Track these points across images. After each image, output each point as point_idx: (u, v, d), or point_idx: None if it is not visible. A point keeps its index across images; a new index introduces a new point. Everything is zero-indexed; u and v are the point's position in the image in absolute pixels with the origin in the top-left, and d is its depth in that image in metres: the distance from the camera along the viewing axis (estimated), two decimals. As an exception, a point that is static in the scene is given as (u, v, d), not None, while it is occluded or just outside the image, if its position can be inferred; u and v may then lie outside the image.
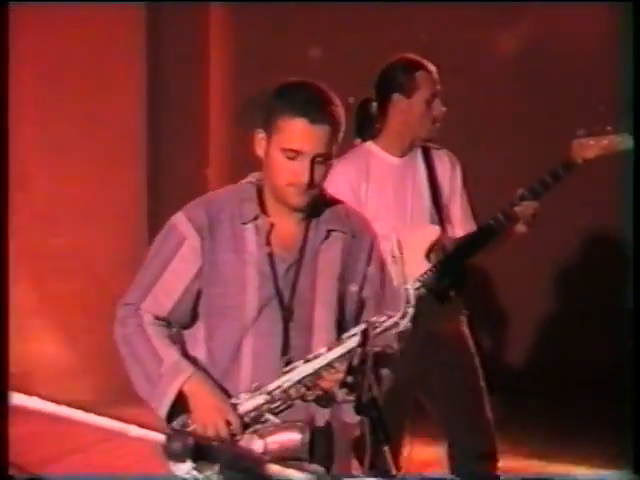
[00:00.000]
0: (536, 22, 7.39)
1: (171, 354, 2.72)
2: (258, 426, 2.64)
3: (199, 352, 2.77)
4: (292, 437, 2.63)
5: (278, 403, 2.64)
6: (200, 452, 2.54)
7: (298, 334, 2.71)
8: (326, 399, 2.67)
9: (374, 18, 7.41)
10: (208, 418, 2.62)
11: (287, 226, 2.76)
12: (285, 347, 2.69)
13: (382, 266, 2.83)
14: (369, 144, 3.94)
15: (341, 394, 2.61)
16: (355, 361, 2.52)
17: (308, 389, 2.65)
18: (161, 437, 2.58)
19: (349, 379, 2.55)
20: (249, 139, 2.80)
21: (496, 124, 7.35)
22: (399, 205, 3.89)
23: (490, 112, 7.34)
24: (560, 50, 7.25)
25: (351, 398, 2.54)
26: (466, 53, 7.32)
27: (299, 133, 2.63)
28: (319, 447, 2.67)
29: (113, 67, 7.40)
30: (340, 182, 3.74)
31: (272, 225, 2.73)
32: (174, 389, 2.64)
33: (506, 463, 4.64)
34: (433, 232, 3.87)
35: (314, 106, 2.66)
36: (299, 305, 2.73)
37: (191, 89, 7.81)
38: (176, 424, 2.66)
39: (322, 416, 2.72)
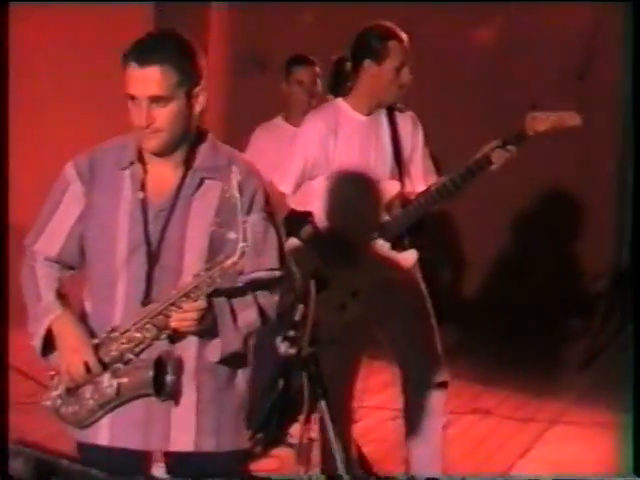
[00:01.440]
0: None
1: (49, 294, 2.73)
2: (119, 366, 2.63)
3: (85, 294, 2.79)
4: (141, 375, 2.61)
5: (135, 342, 2.61)
6: (43, 468, 2.57)
7: (165, 279, 2.65)
8: (178, 338, 2.65)
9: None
10: (68, 358, 2.63)
11: (163, 173, 2.69)
12: (148, 291, 2.64)
13: (266, 216, 2.72)
14: (339, 101, 3.98)
15: (284, 347, 2.71)
16: (297, 316, 2.64)
17: (160, 329, 2.62)
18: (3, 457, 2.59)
19: (291, 333, 2.66)
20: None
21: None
22: (363, 159, 3.91)
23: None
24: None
25: (292, 351, 2.66)
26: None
27: (130, 77, 2.58)
28: (164, 382, 2.62)
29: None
30: (309, 134, 3.92)
31: (146, 171, 2.69)
32: (43, 328, 2.66)
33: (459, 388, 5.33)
34: (393, 187, 3.93)
35: (143, 49, 2.58)
36: (167, 251, 2.66)
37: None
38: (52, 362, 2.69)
39: (186, 355, 2.69)
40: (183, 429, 2.71)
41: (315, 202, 3.93)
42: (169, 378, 2.63)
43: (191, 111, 2.63)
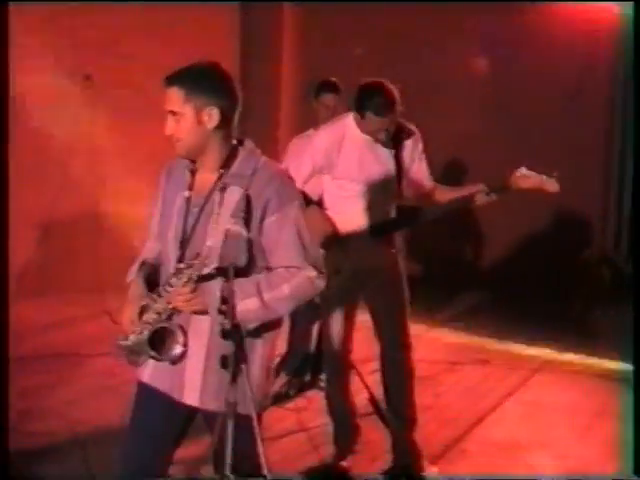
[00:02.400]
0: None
1: (136, 265, 3.16)
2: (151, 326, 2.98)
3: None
4: (143, 336, 2.97)
5: (159, 311, 2.97)
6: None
7: (197, 258, 2.90)
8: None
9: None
10: (122, 311, 3.04)
11: (205, 178, 3.01)
12: (177, 271, 2.92)
13: (280, 218, 2.94)
14: (349, 117, 4.36)
15: (220, 319, 2.85)
16: (225, 293, 2.82)
17: (166, 304, 2.96)
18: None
19: (223, 307, 2.82)
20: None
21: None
22: (361, 172, 4.32)
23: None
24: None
25: (226, 322, 2.81)
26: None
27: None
28: (157, 343, 2.96)
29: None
30: (318, 145, 4.39)
31: (194, 174, 3.03)
32: (127, 288, 3.10)
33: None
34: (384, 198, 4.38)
35: (169, 75, 2.95)
36: (194, 241, 2.96)
37: (269, 72, 9.03)
38: None
39: (200, 327, 2.99)
40: (192, 387, 3.03)
41: (324, 194, 4.45)
42: (173, 344, 2.97)
43: (203, 125, 2.94)
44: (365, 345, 4.86)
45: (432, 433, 5.05)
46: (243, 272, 2.95)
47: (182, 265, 2.93)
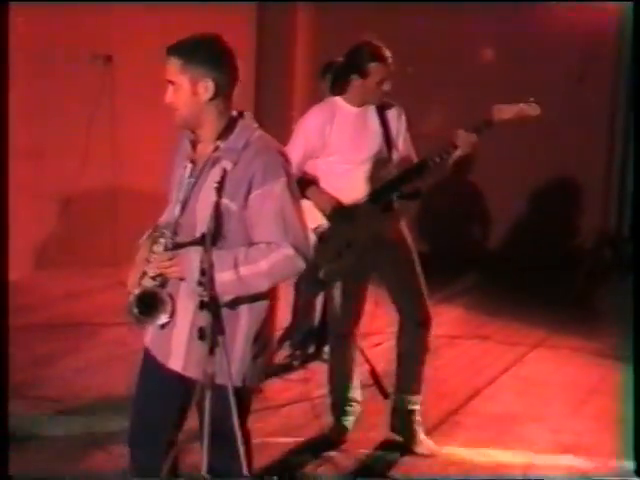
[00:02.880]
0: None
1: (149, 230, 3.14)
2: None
3: None
4: (129, 299, 2.98)
5: (154, 276, 2.98)
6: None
7: (185, 229, 2.96)
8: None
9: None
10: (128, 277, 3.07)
11: (204, 147, 3.01)
12: (175, 233, 2.95)
13: (263, 193, 2.89)
14: (337, 98, 4.44)
15: (199, 290, 2.84)
16: (204, 264, 2.81)
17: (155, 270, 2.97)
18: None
19: (202, 279, 2.81)
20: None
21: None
22: (354, 142, 4.37)
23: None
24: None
25: (204, 293, 2.81)
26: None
27: None
28: (144, 307, 2.95)
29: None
30: (310, 123, 4.42)
31: (195, 145, 3.03)
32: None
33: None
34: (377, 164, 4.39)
35: (172, 44, 2.95)
36: (189, 210, 2.97)
37: (284, 57, 9.23)
38: None
39: (186, 295, 2.95)
40: (177, 353, 3.03)
41: (319, 176, 4.46)
42: (160, 311, 2.96)
43: (198, 97, 2.92)
44: (367, 319, 4.86)
45: (429, 405, 5.06)
46: (227, 245, 2.93)
47: (157, 233, 2.96)
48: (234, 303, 2.97)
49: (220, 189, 2.90)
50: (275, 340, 3.33)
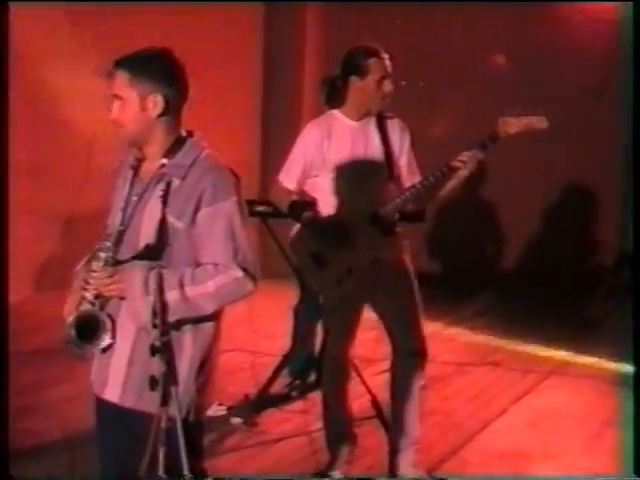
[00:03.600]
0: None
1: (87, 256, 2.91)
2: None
3: None
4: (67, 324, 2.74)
5: (92, 300, 2.73)
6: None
7: (126, 248, 2.74)
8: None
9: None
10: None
11: (149, 165, 2.82)
12: (115, 261, 2.72)
13: (213, 211, 2.72)
14: (335, 111, 4.17)
15: (153, 333, 2.62)
16: (155, 307, 2.60)
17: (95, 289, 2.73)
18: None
19: (156, 321, 2.61)
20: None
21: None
22: (354, 158, 4.09)
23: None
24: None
25: (157, 337, 2.58)
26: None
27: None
28: (84, 333, 2.70)
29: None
30: (307, 140, 4.14)
31: (140, 162, 2.81)
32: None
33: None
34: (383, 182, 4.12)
35: (120, 57, 2.77)
36: (130, 232, 2.75)
37: (292, 62, 8.95)
38: None
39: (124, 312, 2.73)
40: (114, 382, 2.78)
41: (318, 195, 4.18)
42: (101, 334, 2.72)
43: (146, 112, 2.74)
44: (373, 345, 4.60)
45: (434, 439, 4.74)
46: (172, 265, 2.72)
47: (96, 246, 2.74)
48: (177, 325, 2.72)
49: (164, 204, 2.72)
50: (215, 369, 2.94)
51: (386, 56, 4.07)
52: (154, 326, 2.60)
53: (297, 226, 4.22)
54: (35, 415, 4.88)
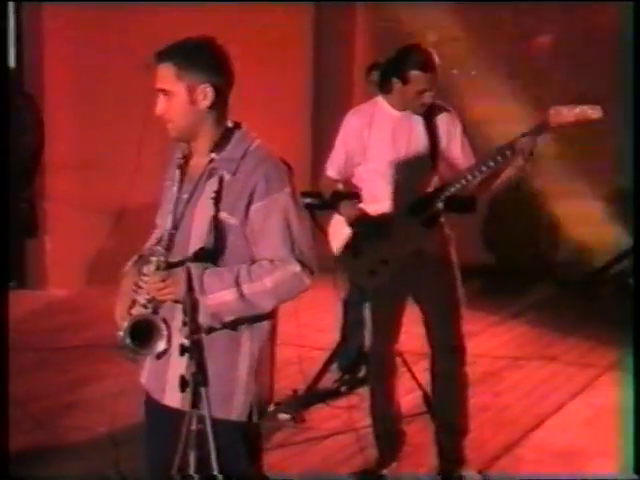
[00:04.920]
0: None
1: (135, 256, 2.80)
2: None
3: None
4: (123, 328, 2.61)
5: (145, 304, 2.63)
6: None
7: (177, 248, 2.63)
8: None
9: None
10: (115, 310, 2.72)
11: (198, 160, 2.70)
12: (168, 264, 2.60)
13: (267, 204, 2.59)
14: (380, 99, 4.07)
15: (184, 331, 2.54)
16: (186, 305, 2.51)
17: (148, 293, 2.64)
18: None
19: (185, 319, 2.52)
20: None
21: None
22: (395, 148, 3.97)
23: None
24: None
25: (187, 336, 2.52)
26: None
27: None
28: (139, 337, 2.58)
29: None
30: (347, 128, 4.07)
31: (188, 158, 2.70)
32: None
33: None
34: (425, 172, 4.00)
35: (160, 51, 2.62)
36: (181, 232, 2.64)
37: (343, 59, 8.86)
38: None
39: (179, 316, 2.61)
40: (173, 387, 2.64)
41: (360, 184, 4.10)
42: (157, 339, 2.62)
43: (196, 105, 2.61)
44: (423, 339, 4.35)
45: (487, 437, 4.58)
46: (227, 263, 2.60)
47: (148, 251, 2.63)
48: (234, 325, 2.62)
49: (217, 200, 2.59)
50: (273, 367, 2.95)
51: (434, 68, 3.87)
52: (184, 324, 2.50)
53: (336, 215, 4.13)
54: (82, 410, 4.82)
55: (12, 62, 7.17)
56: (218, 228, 2.59)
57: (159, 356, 2.66)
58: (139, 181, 7.29)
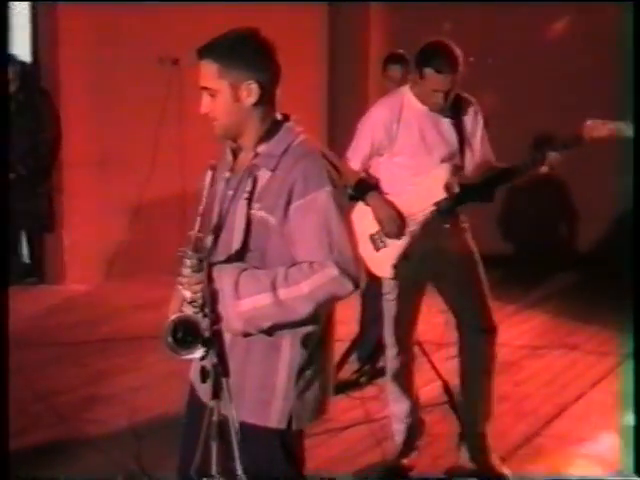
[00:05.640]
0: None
1: None
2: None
3: None
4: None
5: (190, 301, 2.52)
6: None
7: (221, 250, 2.58)
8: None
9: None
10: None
11: (245, 156, 2.63)
12: (209, 253, 2.56)
13: (304, 204, 2.48)
14: (406, 89, 4.00)
15: (204, 323, 2.48)
16: (205, 293, 2.45)
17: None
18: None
19: (206, 311, 2.46)
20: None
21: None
22: (422, 142, 3.94)
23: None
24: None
25: (204, 324, 2.46)
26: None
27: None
28: (177, 334, 2.49)
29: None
30: (376, 119, 4.00)
31: (236, 154, 2.65)
32: None
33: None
34: (447, 169, 3.97)
35: (201, 47, 2.56)
36: (226, 227, 2.58)
37: (358, 58, 8.82)
38: None
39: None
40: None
41: (382, 176, 4.07)
42: (195, 341, 2.52)
43: (241, 102, 2.53)
44: (442, 329, 4.40)
45: (507, 427, 4.56)
46: (265, 265, 2.51)
47: (182, 252, 2.50)
48: (272, 331, 2.51)
49: (250, 199, 2.51)
50: (333, 372, 2.75)
51: (451, 68, 3.80)
52: (204, 316, 2.43)
53: (360, 204, 4.08)
54: (102, 404, 4.84)
55: (29, 59, 7.21)
56: (257, 227, 2.50)
57: (202, 359, 2.54)
58: (155, 176, 7.41)
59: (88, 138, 7.25)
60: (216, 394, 2.43)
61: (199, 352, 2.52)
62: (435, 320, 4.18)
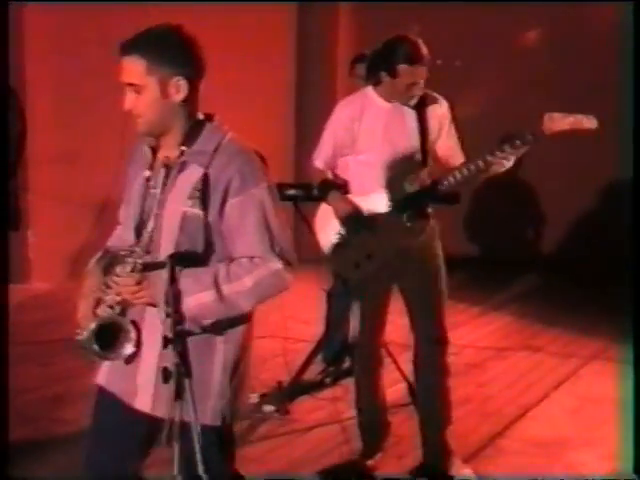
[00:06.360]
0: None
1: (98, 253, 2.75)
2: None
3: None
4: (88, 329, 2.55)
5: (113, 304, 2.56)
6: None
7: (154, 250, 2.55)
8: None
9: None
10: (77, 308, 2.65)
11: (167, 153, 2.58)
12: (120, 259, 2.55)
13: (243, 200, 2.50)
14: (369, 89, 4.02)
15: (167, 323, 2.46)
16: (167, 295, 2.44)
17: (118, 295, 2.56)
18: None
19: (168, 310, 2.44)
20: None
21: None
22: (385, 141, 3.93)
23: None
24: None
25: (170, 329, 2.44)
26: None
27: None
28: (105, 340, 2.53)
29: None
30: (337, 120, 4.02)
31: (155, 151, 2.61)
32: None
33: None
34: (412, 166, 3.94)
35: (126, 42, 2.50)
36: (155, 221, 2.54)
37: (326, 58, 8.91)
38: None
39: (154, 325, 2.54)
40: (144, 391, 2.61)
41: (347, 176, 4.07)
42: (124, 342, 2.55)
43: (169, 98, 2.50)
44: (408, 331, 4.37)
45: (470, 428, 4.60)
46: (201, 261, 2.52)
47: (123, 252, 2.53)
48: (214, 327, 2.55)
49: (188, 194, 2.50)
50: (250, 371, 2.77)
51: (424, 59, 3.82)
52: (167, 316, 2.43)
53: (324, 205, 4.12)
54: (67, 404, 4.81)
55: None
56: (189, 224, 2.51)
57: (127, 361, 2.60)
58: (122, 174, 7.35)
59: (53, 136, 7.20)
60: (179, 395, 2.43)
61: (128, 349, 2.56)
62: (400, 321, 4.19)
